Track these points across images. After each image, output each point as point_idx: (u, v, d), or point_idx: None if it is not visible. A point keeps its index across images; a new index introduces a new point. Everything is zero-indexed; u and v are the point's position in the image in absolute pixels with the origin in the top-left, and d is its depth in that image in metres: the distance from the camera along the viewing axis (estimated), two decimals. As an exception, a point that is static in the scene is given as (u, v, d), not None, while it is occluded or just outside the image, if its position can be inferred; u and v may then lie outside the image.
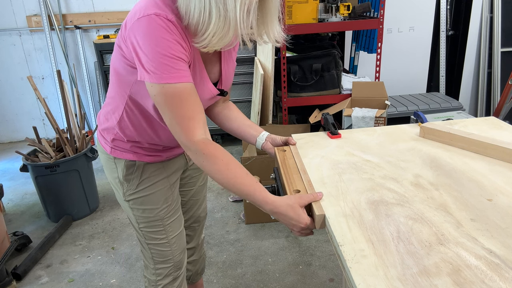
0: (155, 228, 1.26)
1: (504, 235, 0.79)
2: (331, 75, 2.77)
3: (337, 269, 2.08)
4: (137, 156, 1.19)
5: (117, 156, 1.19)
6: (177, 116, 0.97)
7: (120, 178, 1.21)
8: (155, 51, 0.91)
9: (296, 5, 2.59)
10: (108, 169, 1.24)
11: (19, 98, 4.03)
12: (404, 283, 0.68)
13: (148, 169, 1.21)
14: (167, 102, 0.96)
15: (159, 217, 1.25)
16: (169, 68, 0.93)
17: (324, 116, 1.39)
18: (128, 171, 1.19)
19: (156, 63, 0.92)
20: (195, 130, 0.99)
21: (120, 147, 1.19)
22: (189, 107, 0.97)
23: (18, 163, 3.53)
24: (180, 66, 0.94)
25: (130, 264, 2.20)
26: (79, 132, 2.61)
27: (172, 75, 0.93)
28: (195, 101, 0.98)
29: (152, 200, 1.23)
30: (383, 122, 2.47)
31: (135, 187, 1.21)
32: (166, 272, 1.33)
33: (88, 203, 2.68)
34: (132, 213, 1.26)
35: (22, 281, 2.10)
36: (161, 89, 0.94)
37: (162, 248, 1.29)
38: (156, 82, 0.93)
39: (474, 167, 1.07)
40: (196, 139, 0.98)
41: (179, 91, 0.95)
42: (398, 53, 3.97)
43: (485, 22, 3.74)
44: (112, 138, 1.19)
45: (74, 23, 3.80)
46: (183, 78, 0.95)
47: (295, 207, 0.93)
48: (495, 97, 3.81)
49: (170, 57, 0.92)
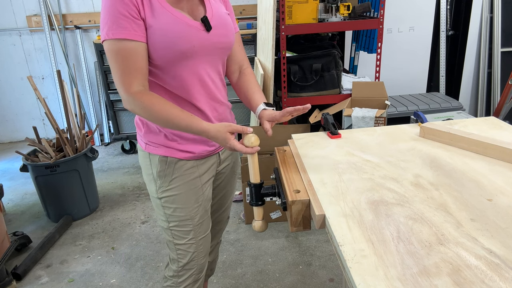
0: (184, 227, 1.27)
1: (504, 235, 0.79)
2: (331, 75, 2.77)
3: (337, 269, 2.08)
4: (170, 152, 1.21)
5: (151, 152, 1.22)
6: (118, 71, 1.05)
7: (154, 175, 1.23)
8: (104, 11, 1.03)
9: (296, 5, 2.59)
10: (144, 165, 1.26)
11: (19, 98, 4.03)
12: (404, 283, 0.68)
13: (180, 166, 1.22)
14: (111, 57, 1.05)
15: (190, 217, 1.26)
16: (112, 25, 1.02)
17: (324, 116, 1.39)
18: (162, 167, 1.21)
19: (103, 22, 1.03)
20: (132, 83, 1.06)
21: (153, 142, 1.21)
22: (128, 62, 1.04)
23: (18, 163, 3.53)
24: (125, 24, 1.02)
25: (130, 264, 2.20)
26: (79, 132, 2.61)
27: (114, 32, 1.02)
28: (137, 58, 1.05)
29: (183, 199, 1.24)
30: (383, 122, 2.47)
31: (167, 184, 1.23)
32: (189, 274, 1.33)
33: (88, 203, 2.68)
34: (164, 212, 1.27)
35: (22, 281, 2.10)
36: (105, 45, 1.05)
37: (188, 249, 1.30)
38: (103, 38, 1.04)
39: (474, 167, 1.07)
40: (132, 90, 1.06)
41: (120, 47, 1.03)
42: (398, 53, 3.97)
43: (485, 22, 3.73)
44: (145, 131, 1.22)
45: (74, 23, 3.80)
46: (124, 35, 1.02)
47: (222, 131, 1.08)
48: (495, 97, 3.81)
49: (115, 15, 1.01)
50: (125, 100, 1.08)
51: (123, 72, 1.05)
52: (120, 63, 1.05)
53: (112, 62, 1.06)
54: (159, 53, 1.09)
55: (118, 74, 1.06)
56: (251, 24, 3.43)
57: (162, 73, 1.13)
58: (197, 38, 1.12)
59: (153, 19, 1.06)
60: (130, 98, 1.07)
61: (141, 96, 1.07)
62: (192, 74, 1.15)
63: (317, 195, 0.97)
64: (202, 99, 1.19)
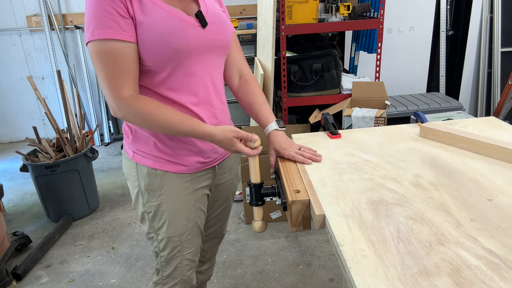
0: (171, 243, 1.19)
1: (504, 235, 0.79)
2: (331, 75, 2.77)
3: (337, 269, 2.08)
4: (159, 164, 1.12)
5: (139, 162, 1.13)
6: (105, 74, 0.96)
7: (141, 187, 1.14)
8: (88, 10, 0.94)
9: (296, 5, 2.59)
10: (129, 175, 1.17)
11: (19, 98, 4.03)
12: (404, 283, 0.68)
13: (171, 181, 1.14)
14: (98, 59, 0.96)
15: (178, 234, 1.18)
16: (97, 24, 0.93)
17: (324, 116, 1.38)
18: (150, 180, 1.12)
19: (88, 22, 0.95)
20: (123, 87, 0.97)
21: (141, 150, 1.12)
22: (117, 65, 0.96)
23: (18, 163, 3.53)
24: (112, 23, 0.93)
25: (130, 264, 2.20)
26: (79, 132, 2.61)
27: (100, 32, 0.93)
28: (125, 60, 0.96)
29: (173, 216, 1.16)
30: (383, 122, 2.47)
31: (156, 198, 1.14)
32: (174, 282, 1.26)
33: (88, 203, 2.68)
34: (149, 224, 1.19)
35: (22, 281, 2.10)
36: (92, 46, 0.95)
37: (174, 261, 1.22)
38: (88, 39, 0.95)
39: (474, 167, 1.07)
40: (124, 95, 0.97)
41: (107, 49, 0.95)
42: (398, 53, 3.97)
43: (485, 22, 3.73)
44: (132, 138, 1.13)
45: (74, 23, 3.80)
46: (111, 35, 0.94)
47: (228, 136, 1.05)
48: (495, 97, 3.81)
49: (101, 13, 0.93)
50: (115, 107, 0.99)
51: (112, 76, 0.96)
52: (108, 66, 0.96)
53: (98, 65, 0.97)
54: (151, 52, 0.99)
55: (106, 78, 0.97)
56: (251, 24, 3.43)
57: (153, 76, 1.04)
58: (192, 34, 1.03)
59: (143, 15, 0.97)
60: (121, 104, 0.98)
61: (134, 101, 0.98)
62: (188, 76, 1.07)
63: (317, 195, 0.97)
64: (199, 105, 1.10)
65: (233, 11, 3.84)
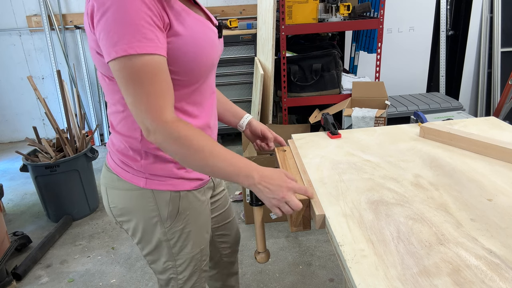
0: (193, 261, 1.11)
1: (504, 235, 0.79)
2: (331, 75, 2.77)
3: (337, 269, 2.08)
4: (181, 184, 1.01)
5: (157, 188, 0.99)
6: (144, 93, 0.81)
7: (163, 216, 1.01)
8: (118, 21, 0.78)
9: (296, 5, 2.60)
10: (139, 209, 1.01)
11: (19, 98, 4.03)
12: (404, 283, 0.68)
13: (193, 198, 1.05)
14: (133, 76, 0.80)
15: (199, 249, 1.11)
16: (134, 36, 0.78)
17: (324, 116, 1.39)
18: (174, 205, 1.01)
19: (118, 35, 0.78)
20: (165, 109, 0.83)
21: (159, 174, 0.99)
22: (159, 83, 0.82)
23: (18, 163, 3.53)
24: (151, 35, 0.80)
25: (130, 264, 2.20)
26: (79, 132, 2.61)
27: (140, 45, 0.79)
28: (166, 77, 0.84)
29: (197, 232, 1.08)
30: (383, 122, 2.47)
31: (181, 222, 1.04)
32: None
33: (88, 203, 2.68)
34: (169, 252, 1.07)
35: (22, 281, 2.10)
36: (126, 62, 0.79)
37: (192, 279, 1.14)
38: (119, 54, 0.78)
39: (474, 167, 1.07)
40: (166, 118, 0.83)
41: (147, 64, 0.80)
42: (398, 53, 3.97)
43: (485, 22, 3.74)
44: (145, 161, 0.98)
45: (74, 23, 3.80)
46: (152, 49, 0.80)
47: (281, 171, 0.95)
48: (495, 97, 3.81)
49: (139, 24, 0.78)
50: (154, 131, 0.84)
51: (153, 95, 0.81)
52: (147, 84, 0.81)
53: (135, 84, 0.81)
54: (188, 68, 0.88)
55: (145, 98, 0.81)
56: (251, 24, 3.43)
57: (179, 89, 0.92)
58: (218, 45, 0.96)
59: (180, 25, 0.85)
60: (162, 128, 0.83)
61: (177, 126, 0.84)
62: (207, 89, 0.99)
63: (317, 195, 0.97)
64: (212, 117, 1.05)
65: (233, 11, 3.84)
